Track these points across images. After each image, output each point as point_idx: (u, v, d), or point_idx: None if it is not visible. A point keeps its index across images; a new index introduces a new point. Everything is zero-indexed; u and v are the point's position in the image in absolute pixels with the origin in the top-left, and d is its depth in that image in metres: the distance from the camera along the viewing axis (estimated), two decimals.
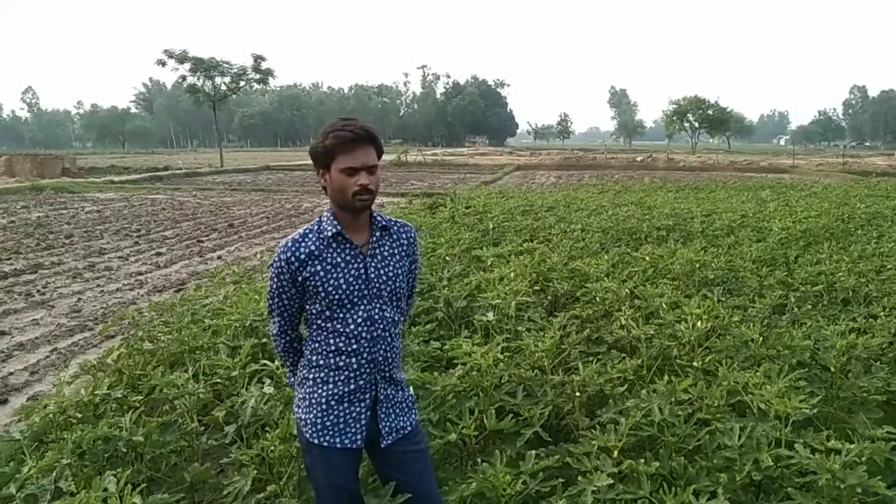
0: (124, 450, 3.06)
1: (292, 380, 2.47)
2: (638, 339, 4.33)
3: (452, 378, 3.48)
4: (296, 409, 2.33)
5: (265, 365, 3.72)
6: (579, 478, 2.75)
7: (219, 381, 3.83)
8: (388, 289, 2.23)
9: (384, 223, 2.27)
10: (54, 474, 2.88)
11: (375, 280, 2.20)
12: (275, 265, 2.18)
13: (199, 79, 43.12)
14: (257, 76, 44.95)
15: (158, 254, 11.22)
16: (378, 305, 2.20)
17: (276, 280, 2.19)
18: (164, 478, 3.18)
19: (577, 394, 3.55)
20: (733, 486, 2.81)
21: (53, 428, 3.40)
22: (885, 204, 11.58)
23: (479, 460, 3.09)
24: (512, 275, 5.61)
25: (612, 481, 2.68)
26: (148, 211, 17.13)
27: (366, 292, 2.18)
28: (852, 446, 2.81)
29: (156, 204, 18.87)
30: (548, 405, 3.48)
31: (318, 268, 2.13)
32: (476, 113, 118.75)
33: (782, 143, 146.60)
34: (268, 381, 3.56)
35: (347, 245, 2.18)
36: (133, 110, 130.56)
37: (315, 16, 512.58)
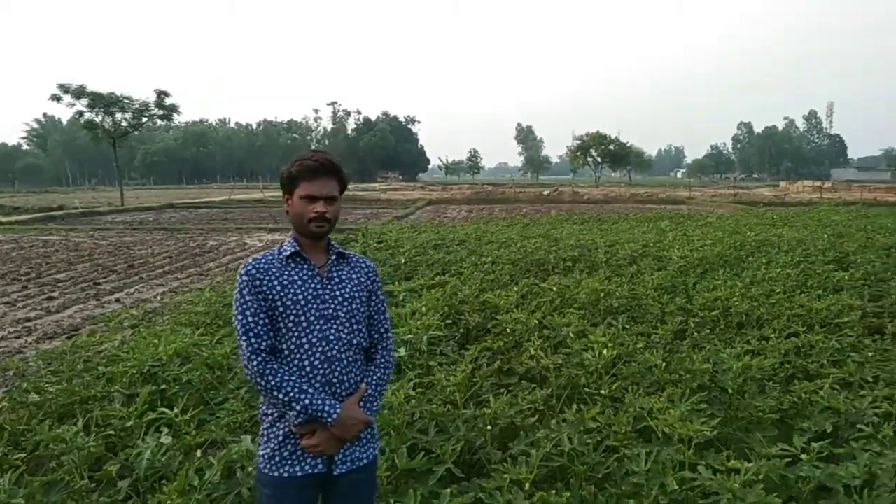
0: None
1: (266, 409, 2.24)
2: (547, 369, 4.39)
3: None
4: (258, 448, 2.28)
5: (163, 413, 3.52)
6: None
7: (112, 432, 3.59)
8: (345, 310, 2.25)
9: (341, 251, 2.35)
10: None
11: (331, 301, 2.23)
12: (238, 285, 2.20)
13: (97, 114, 41.28)
14: (161, 112, 43.44)
15: (50, 298, 10.53)
16: (335, 326, 2.22)
17: (239, 299, 2.18)
18: None
19: (489, 427, 3.54)
20: None
21: None
22: (773, 231, 12.36)
23: (391, 501, 3.03)
24: (423, 309, 5.60)
25: None
26: (39, 253, 16.11)
27: (322, 311, 2.21)
28: (750, 465, 2.92)
29: (48, 245, 17.79)
30: (460, 440, 3.45)
31: (276, 283, 2.18)
32: (388, 148, 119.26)
33: (679, 175, 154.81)
34: (165, 430, 3.36)
35: (305, 265, 2.25)
36: (25, 147, 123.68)
37: (223, 51, 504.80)
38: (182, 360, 4.66)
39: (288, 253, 2.23)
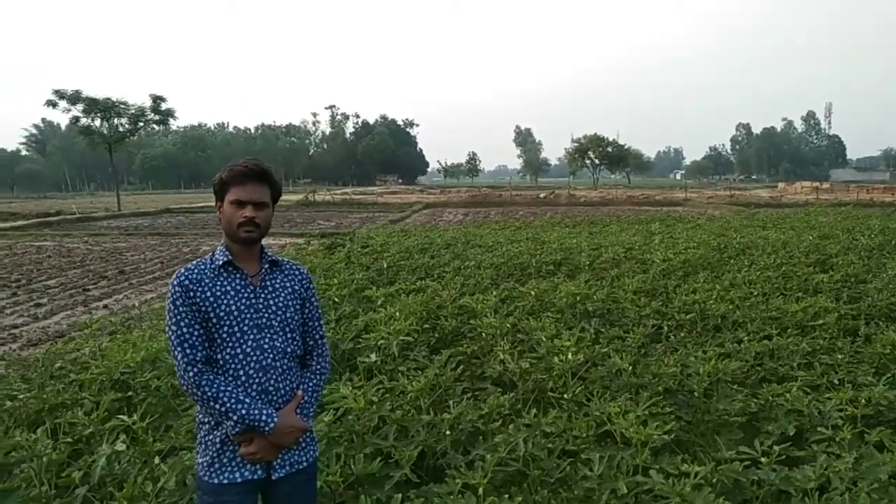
0: None
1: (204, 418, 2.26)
2: (515, 374, 4.40)
3: (320, 423, 3.42)
4: (196, 456, 2.30)
5: (122, 420, 3.54)
6: None
7: (70, 439, 3.61)
8: (278, 319, 2.27)
9: (274, 258, 2.36)
10: None
11: (265, 310, 2.25)
12: (170, 295, 2.18)
13: (93, 120, 41.29)
14: (157, 117, 43.53)
15: (38, 305, 10.57)
16: (268, 335, 2.24)
17: (172, 309, 2.17)
18: None
19: (448, 432, 3.56)
20: None
21: None
22: (759, 234, 12.36)
23: None
24: (398, 314, 5.61)
25: None
26: (32, 259, 16.16)
27: (256, 321, 2.23)
28: (700, 468, 2.93)
29: (42, 251, 17.85)
30: (418, 445, 3.46)
31: (209, 293, 2.18)
32: (386, 152, 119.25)
33: (678, 177, 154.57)
34: (122, 436, 3.39)
35: (238, 274, 2.25)
36: (24, 153, 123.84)
37: (221, 55, 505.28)
38: (152, 366, 4.68)
39: (220, 262, 2.23)
